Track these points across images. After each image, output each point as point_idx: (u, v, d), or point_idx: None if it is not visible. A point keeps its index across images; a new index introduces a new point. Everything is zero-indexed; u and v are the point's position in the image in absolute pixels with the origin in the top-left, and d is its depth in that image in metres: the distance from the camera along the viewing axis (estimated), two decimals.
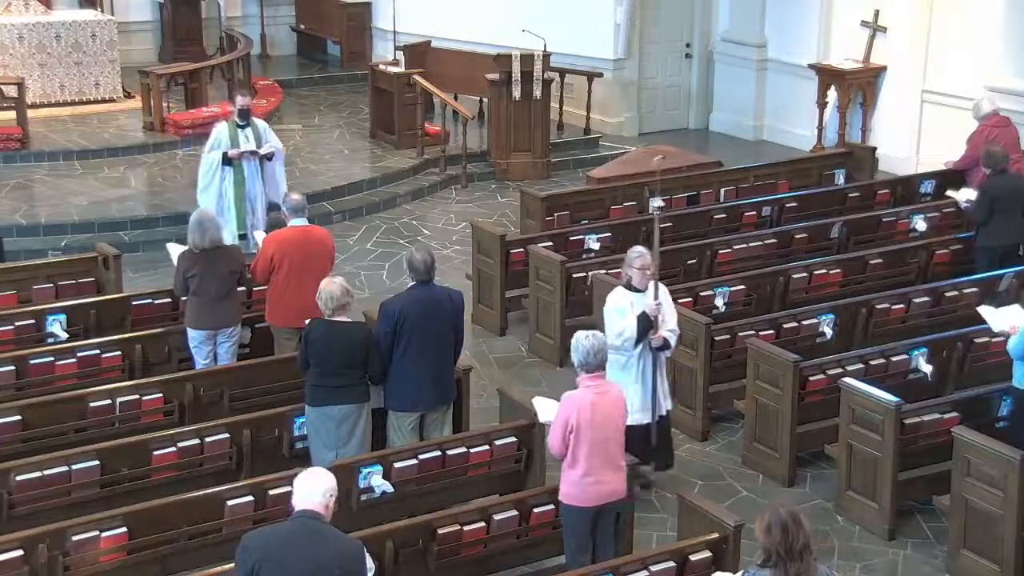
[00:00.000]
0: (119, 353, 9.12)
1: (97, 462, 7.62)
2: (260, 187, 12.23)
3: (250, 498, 7.28)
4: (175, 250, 9.59)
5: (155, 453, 7.81)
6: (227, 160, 12.01)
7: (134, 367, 9.18)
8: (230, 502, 7.23)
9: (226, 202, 12.12)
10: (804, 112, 16.61)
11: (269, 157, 12.20)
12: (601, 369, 7.15)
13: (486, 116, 16.22)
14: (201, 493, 7.32)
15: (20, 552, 6.64)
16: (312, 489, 5.71)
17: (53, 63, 16.40)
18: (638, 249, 8.49)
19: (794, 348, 9.37)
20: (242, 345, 9.46)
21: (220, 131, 12.15)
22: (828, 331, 9.91)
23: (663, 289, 8.48)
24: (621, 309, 8.35)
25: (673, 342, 8.48)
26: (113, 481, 7.69)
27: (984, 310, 9.13)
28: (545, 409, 7.50)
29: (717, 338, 9.56)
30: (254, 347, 9.55)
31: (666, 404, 8.65)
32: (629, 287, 8.43)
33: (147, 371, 9.18)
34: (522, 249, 11.26)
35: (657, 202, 8.75)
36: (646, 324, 8.25)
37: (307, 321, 8.14)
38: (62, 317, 9.58)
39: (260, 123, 12.40)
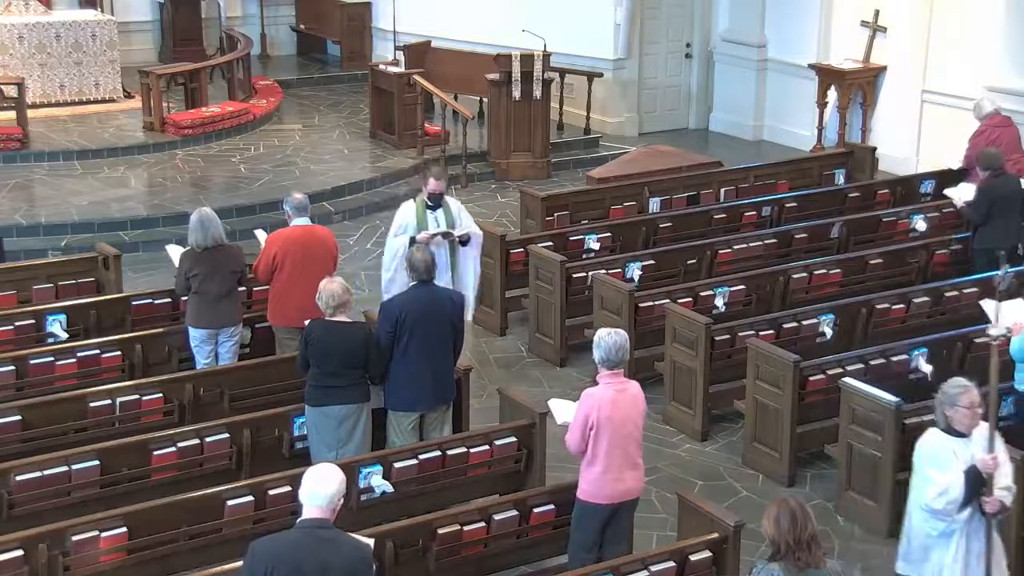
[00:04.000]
0: (119, 353, 9.12)
1: (97, 462, 7.61)
2: (448, 277, 9.96)
3: (250, 498, 7.28)
4: (175, 251, 9.59)
5: (155, 453, 7.80)
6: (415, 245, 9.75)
7: (134, 367, 9.18)
8: (230, 502, 7.22)
9: None
10: (804, 112, 16.62)
11: (464, 241, 10.09)
12: (621, 366, 7.09)
13: (486, 116, 16.21)
14: (201, 493, 7.30)
15: (20, 552, 6.64)
16: (319, 494, 5.67)
17: (53, 63, 16.40)
18: (959, 382, 6.62)
19: (794, 348, 9.37)
20: (242, 345, 9.46)
21: (406, 213, 10.05)
22: (828, 331, 9.91)
23: (998, 437, 6.58)
24: (943, 461, 6.49)
25: (1009, 503, 6.63)
26: (113, 481, 7.67)
27: (986, 304, 9.07)
28: (562, 411, 7.46)
29: (717, 338, 9.56)
30: (254, 347, 9.54)
31: None
32: (949, 431, 6.60)
33: (147, 371, 9.17)
34: (522, 249, 11.27)
35: (998, 329, 6.81)
36: (977, 482, 6.43)
37: (307, 322, 8.14)
38: (62, 317, 9.56)
39: (454, 204, 10.17)
